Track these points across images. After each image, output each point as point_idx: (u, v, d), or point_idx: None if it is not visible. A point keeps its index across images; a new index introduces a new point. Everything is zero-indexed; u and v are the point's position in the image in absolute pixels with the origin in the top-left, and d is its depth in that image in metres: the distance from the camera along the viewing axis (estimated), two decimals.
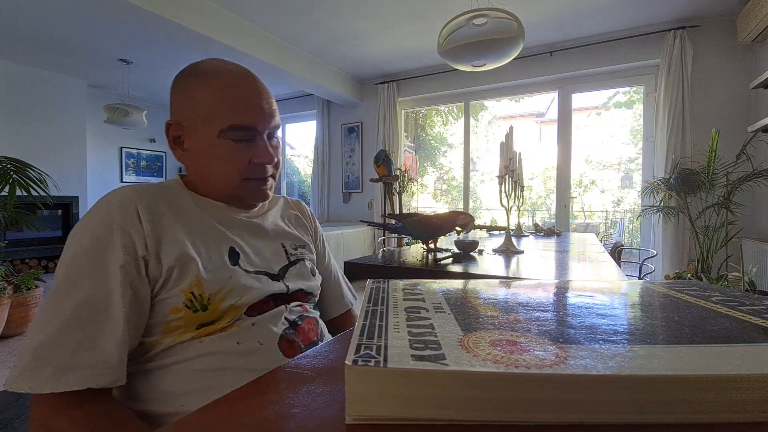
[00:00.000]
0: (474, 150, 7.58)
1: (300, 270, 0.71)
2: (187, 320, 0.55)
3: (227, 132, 0.61)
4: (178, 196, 0.63)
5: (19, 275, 2.67)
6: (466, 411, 0.22)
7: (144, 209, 0.56)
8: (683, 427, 0.21)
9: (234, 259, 0.62)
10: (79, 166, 4.82)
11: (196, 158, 0.64)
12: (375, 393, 0.22)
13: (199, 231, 0.61)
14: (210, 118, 0.61)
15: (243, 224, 0.67)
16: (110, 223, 0.54)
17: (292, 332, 0.62)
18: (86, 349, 0.48)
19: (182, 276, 0.55)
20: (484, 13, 1.91)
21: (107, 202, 0.56)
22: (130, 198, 0.57)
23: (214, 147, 0.62)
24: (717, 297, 0.38)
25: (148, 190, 0.60)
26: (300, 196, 7.40)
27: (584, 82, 3.85)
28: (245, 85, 0.63)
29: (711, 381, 0.21)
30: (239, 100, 0.62)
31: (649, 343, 0.26)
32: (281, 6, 3.11)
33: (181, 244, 0.57)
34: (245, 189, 0.66)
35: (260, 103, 0.64)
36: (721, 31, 3.17)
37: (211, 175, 0.64)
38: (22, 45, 3.81)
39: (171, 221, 0.58)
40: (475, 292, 0.40)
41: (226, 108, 0.61)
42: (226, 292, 0.58)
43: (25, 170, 2.53)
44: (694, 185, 2.91)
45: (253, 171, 0.65)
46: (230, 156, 0.63)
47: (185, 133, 0.64)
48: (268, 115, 0.65)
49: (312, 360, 0.37)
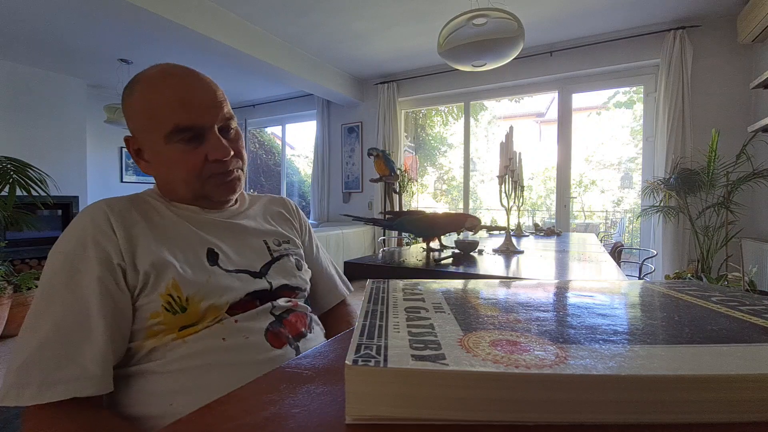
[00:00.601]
0: (474, 150, 7.58)
1: (284, 265, 0.70)
2: (168, 323, 0.56)
3: (173, 135, 0.60)
4: (151, 205, 0.64)
5: (19, 275, 2.67)
6: (466, 411, 0.22)
7: (116, 219, 0.57)
8: (683, 427, 0.21)
9: (212, 260, 0.62)
10: (79, 166, 4.82)
11: (156, 167, 0.64)
12: (375, 393, 0.22)
13: (174, 236, 0.61)
14: (153, 125, 0.60)
15: (221, 225, 0.67)
16: (82, 238, 0.54)
17: (278, 326, 0.63)
18: (66, 365, 0.49)
19: (159, 280, 0.56)
20: (484, 13, 1.91)
21: (80, 218, 0.57)
22: (101, 210, 0.57)
23: (165, 153, 0.61)
24: (717, 297, 0.38)
25: (119, 202, 0.60)
26: (300, 196, 7.41)
27: (584, 82, 3.85)
28: (181, 83, 0.60)
29: (711, 381, 0.21)
30: (176, 100, 0.59)
31: (649, 343, 0.26)
32: (281, 6, 3.11)
33: (156, 250, 0.57)
34: (209, 187, 0.65)
35: (202, 98, 0.61)
36: (721, 31, 3.17)
37: (173, 180, 0.64)
38: (22, 45, 3.81)
39: (144, 229, 0.59)
40: (475, 292, 0.40)
41: (165, 111, 0.59)
42: (205, 293, 0.58)
43: (25, 170, 2.53)
44: (694, 185, 2.91)
45: (212, 168, 0.63)
46: (183, 159, 0.61)
47: (141, 144, 0.64)
48: (212, 108, 0.62)
49: (312, 360, 0.37)
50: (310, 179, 5.89)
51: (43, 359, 0.48)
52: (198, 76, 0.63)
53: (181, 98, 0.59)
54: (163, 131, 0.59)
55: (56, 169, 4.16)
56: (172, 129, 0.59)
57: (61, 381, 0.48)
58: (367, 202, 4.99)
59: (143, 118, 0.61)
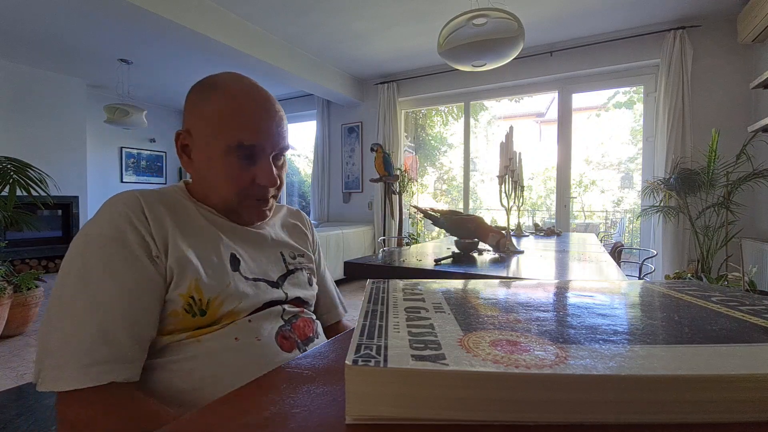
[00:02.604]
0: (474, 150, 7.57)
1: (298, 279, 0.72)
2: (185, 324, 0.56)
3: (234, 149, 0.61)
4: (178, 203, 0.64)
5: (19, 275, 2.67)
6: (466, 411, 0.22)
7: (148, 207, 0.57)
8: (683, 427, 0.21)
9: (235, 266, 0.63)
10: (79, 166, 4.82)
11: (201, 170, 0.65)
12: (375, 393, 0.22)
13: (199, 237, 0.61)
14: (218, 134, 0.61)
15: (243, 232, 0.68)
16: (118, 222, 0.54)
17: (288, 328, 0.64)
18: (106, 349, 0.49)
19: (181, 279, 0.56)
20: (484, 13, 1.91)
21: (112, 204, 0.56)
22: (134, 196, 0.58)
23: (218, 162, 0.62)
24: (717, 297, 0.38)
25: (150, 193, 0.61)
26: (300, 196, 7.41)
27: (584, 82, 3.85)
28: (257, 105, 0.63)
29: (711, 381, 0.21)
30: (249, 120, 0.62)
31: (649, 343, 0.26)
32: (281, 6, 3.11)
33: (181, 247, 0.57)
34: (244, 207, 0.66)
35: (270, 125, 0.64)
36: (721, 31, 3.17)
37: (213, 188, 0.65)
38: (22, 45, 3.81)
39: (172, 224, 0.59)
40: (475, 292, 0.40)
41: (235, 126, 0.61)
42: (225, 297, 0.58)
43: (25, 170, 2.53)
44: (694, 185, 2.91)
45: (254, 190, 0.65)
46: (233, 174, 0.63)
47: (193, 144, 0.65)
48: (276, 137, 0.64)
49: (312, 360, 0.37)
50: (310, 179, 5.89)
51: (81, 343, 0.48)
52: (274, 106, 0.66)
53: (255, 121, 0.62)
54: (226, 143, 0.61)
55: (56, 169, 4.16)
56: (236, 144, 0.61)
57: (99, 363, 0.48)
58: (367, 202, 4.99)
59: (211, 124, 0.62)
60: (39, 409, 1.68)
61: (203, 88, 0.64)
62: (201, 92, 0.64)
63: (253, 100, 0.63)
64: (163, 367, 0.55)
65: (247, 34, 3.38)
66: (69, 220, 4.80)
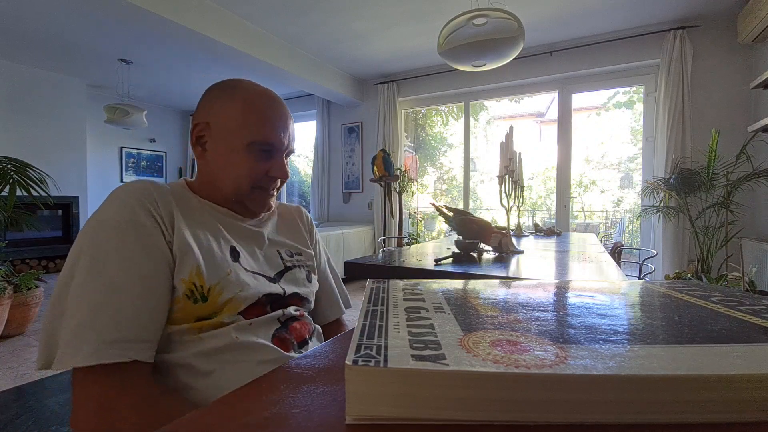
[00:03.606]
0: (474, 150, 7.57)
1: (295, 275, 0.74)
2: (186, 311, 0.57)
3: (256, 145, 0.67)
4: (183, 195, 0.66)
5: (19, 275, 2.67)
6: (466, 411, 0.22)
7: (158, 195, 0.60)
8: (683, 427, 0.21)
9: (235, 257, 0.65)
10: (79, 166, 4.82)
11: (216, 160, 0.68)
12: (375, 393, 0.22)
13: (202, 227, 0.64)
14: (242, 129, 0.66)
15: (242, 230, 0.71)
16: (131, 206, 0.56)
17: (284, 331, 0.66)
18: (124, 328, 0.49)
19: (183, 265, 0.57)
20: (484, 13, 1.91)
21: (123, 191, 0.58)
22: (144, 184, 0.60)
23: (239, 154, 0.67)
24: (717, 297, 0.38)
25: (156, 183, 0.63)
26: (300, 196, 7.40)
27: (584, 82, 3.85)
28: (278, 110, 0.70)
29: (711, 381, 0.21)
30: (272, 121, 0.68)
31: (649, 343, 0.26)
32: (281, 6, 3.11)
33: (184, 234, 0.59)
34: (252, 197, 0.70)
35: (286, 126, 0.71)
36: (721, 31, 3.17)
37: (224, 179, 0.68)
38: (23, 45, 3.81)
39: (177, 212, 0.61)
40: (475, 292, 0.40)
41: (259, 124, 0.67)
42: (225, 284, 0.60)
43: (25, 170, 2.53)
44: (694, 185, 2.91)
45: (264, 181, 0.70)
46: (252, 165, 0.68)
47: (209, 136, 0.68)
48: (289, 137, 0.72)
49: (312, 360, 0.37)
50: (310, 179, 5.89)
51: (98, 322, 0.49)
52: (287, 109, 0.73)
53: (276, 122, 0.69)
54: (250, 139, 0.66)
55: (56, 169, 4.16)
56: (260, 140, 0.67)
57: (121, 340, 0.48)
58: (367, 202, 4.99)
59: (235, 120, 0.66)
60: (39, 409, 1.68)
61: (226, 87, 0.69)
62: (224, 90, 0.69)
63: (274, 103, 0.70)
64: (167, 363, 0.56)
65: (247, 34, 3.38)
66: (69, 220, 4.80)
